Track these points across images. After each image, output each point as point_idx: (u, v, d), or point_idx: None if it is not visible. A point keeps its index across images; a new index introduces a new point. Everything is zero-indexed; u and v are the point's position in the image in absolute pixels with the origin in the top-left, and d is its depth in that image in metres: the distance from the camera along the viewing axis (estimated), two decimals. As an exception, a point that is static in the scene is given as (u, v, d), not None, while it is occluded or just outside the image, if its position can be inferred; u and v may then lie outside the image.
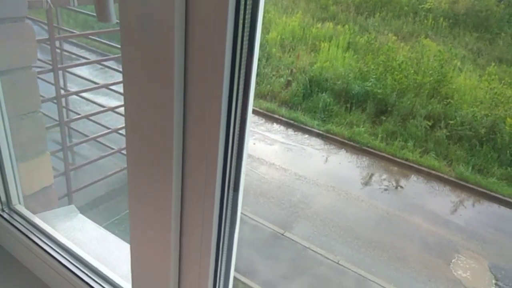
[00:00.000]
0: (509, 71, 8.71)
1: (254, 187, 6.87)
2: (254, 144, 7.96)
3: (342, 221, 6.28)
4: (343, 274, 5.40)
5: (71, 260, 1.03)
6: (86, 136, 5.28)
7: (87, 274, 1.00)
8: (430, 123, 7.92)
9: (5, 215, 1.16)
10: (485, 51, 9.46)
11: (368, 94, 8.57)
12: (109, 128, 5.35)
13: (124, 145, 3.95)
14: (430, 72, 8.40)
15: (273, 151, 7.84)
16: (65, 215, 1.39)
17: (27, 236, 1.11)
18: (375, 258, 5.66)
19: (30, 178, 1.18)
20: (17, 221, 1.16)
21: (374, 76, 8.76)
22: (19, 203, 1.15)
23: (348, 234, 6.05)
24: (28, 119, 1.09)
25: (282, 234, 5.97)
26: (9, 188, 1.15)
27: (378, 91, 8.53)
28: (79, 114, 5.54)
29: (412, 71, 8.52)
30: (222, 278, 0.80)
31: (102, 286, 0.98)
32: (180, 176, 0.69)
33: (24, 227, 1.13)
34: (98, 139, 5.21)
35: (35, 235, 1.11)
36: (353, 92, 8.68)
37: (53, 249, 1.06)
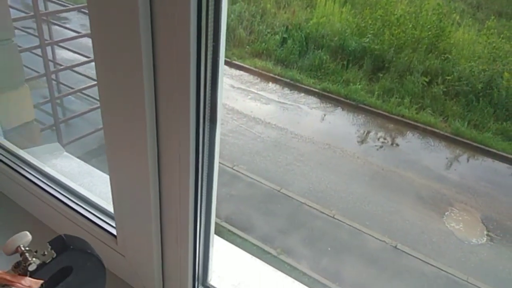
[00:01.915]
0: (508, 25, 8.53)
1: (250, 146, 6.88)
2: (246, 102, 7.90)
3: (338, 178, 6.34)
4: (339, 227, 5.51)
5: (57, 189, 1.03)
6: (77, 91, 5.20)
7: (75, 202, 1.00)
8: (427, 79, 7.84)
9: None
10: (484, 5, 9.23)
11: (365, 51, 8.42)
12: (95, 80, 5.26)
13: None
14: (428, 26, 8.23)
15: (269, 110, 7.80)
16: (50, 152, 1.38)
17: (11, 167, 1.10)
18: (370, 212, 5.76)
19: (9, 112, 1.15)
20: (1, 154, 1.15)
21: (371, 32, 8.58)
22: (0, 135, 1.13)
23: (343, 190, 6.12)
24: (0, 48, 1.05)
25: (279, 191, 6.03)
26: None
27: (376, 47, 8.38)
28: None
29: (410, 26, 8.34)
30: (203, 208, 0.80)
31: (89, 211, 0.97)
32: (154, 105, 0.68)
33: (8, 159, 1.12)
34: (88, 94, 5.13)
35: (19, 166, 1.10)
36: (350, 48, 8.53)
37: (38, 179, 1.06)
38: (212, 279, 0.89)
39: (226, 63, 8.82)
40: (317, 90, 8.13)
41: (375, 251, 5.21)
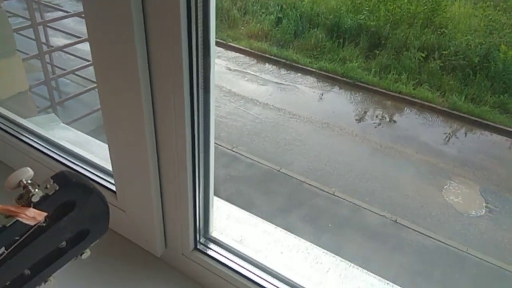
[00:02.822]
0: (505, -3, 8.45)
1: (248, 128, 6.88)
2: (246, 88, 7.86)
3: (336, 156, 6.36)
4: (338, 204, 5.55)
5: (54, 150, 1.03)
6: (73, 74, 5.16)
7: (73, 162, 1.00)
8: (423, 55, 7.80)
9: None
10: (480, -22, 9.11)
11: (361, 28, 8.35)
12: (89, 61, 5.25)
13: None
14: (424, 1, 8.14)
15: (266, 91, 7.77)
16: (46, 123, 1.38)
17: (8, 133, 1.10)
18: (369, 188, 5.79)
19: (2, 81, 1.15)
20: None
21: (367, 8, 8.49)
22: (-5, 103, 1.13)
23: (342, 167, 6.15)
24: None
25: (278, 171, 6.05)
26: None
27: (371, 23, 8.31)
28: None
29: (406, 1, 8.25)
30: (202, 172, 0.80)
31: (88, 170, 0.98)
32: (148, 76, 0.68)
33: (6, 125, 1.12)
34: (84, 76, 5.10)
35: (16, 131, 1.10)
36: (345, 26, 8.45)
37: (36, 142, 1.06)
38: (214, 232, 0.91)
39: (222, 45, 8.74)
40: (313, 70, 8.09)
41: (375, 226, 5.26)
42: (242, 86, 7.86)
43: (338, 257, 1.07)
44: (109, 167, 0.93)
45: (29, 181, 0.42)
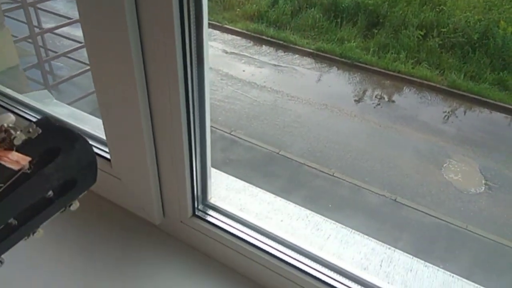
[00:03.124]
0: (504, -28, 8.31)
1: (246, 111, 6.84)
2: (244, 71, 7.79)
3: (336, 137, 6.34)
4: (338, 184, 5.56)
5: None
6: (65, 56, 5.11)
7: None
8: (422, 33, 7.71)
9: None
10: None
11: (359, 7, 8.23)
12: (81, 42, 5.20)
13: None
14: (422, -23, 8.02)
15: (264, 74, 7.71)
16: (40, 100, 1.35)
17: (3, 107, 1.08)
18: (369, 168, 5.79)
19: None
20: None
21: (364, -14, 8.36)
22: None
23: (341, 148, 6.14)
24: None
25: (278, 153, 6.05)
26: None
27: (369, 2, 8.18)
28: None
29: (404, -22, 8.13)
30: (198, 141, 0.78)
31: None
32: (140, 49, 0.65)
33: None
34: (77, 59, 5.05)
35: (9, 105, 1.07)
36: (343, 5, 8.33)
37: (29, 114, 1.04)
38: (212, 199, 0.89)
39: (217, 27, 8.63)
40: (311, 51, 8.00)
41: (375, 205, 5.28)
42: (239, 69, 7.79)
43: (339, 224, 1.06)
44: (103, 136, 0.91)
45: (11, 125, 0.40)
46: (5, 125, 0.40)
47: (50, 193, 0.42)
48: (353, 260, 0.87)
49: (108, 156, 0.87)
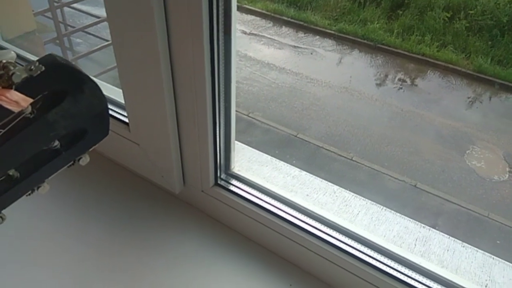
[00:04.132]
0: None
1: (265, 93, 6.76)
2: (262, 52, 7.67)
3: (355, 121, 6.22)
4: (357, 169, 5.47)
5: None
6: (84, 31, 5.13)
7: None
8: (448, 15, 7.43)
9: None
10: None
11: (383, -14, 7.98)
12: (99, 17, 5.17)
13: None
14: (451, -44, 7.69)
15: (283, 55, 7.58)
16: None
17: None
18: (389, 153, 5.68)
19: (9, 19, 1.07)
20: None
21: (389, -34, 8.07)
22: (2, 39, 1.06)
23: (361, 132, 6.02)
24: None
25: (296, 136, 5.97)
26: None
27: (394, -19, 7.92)
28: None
29: (431, -44, 7.81)
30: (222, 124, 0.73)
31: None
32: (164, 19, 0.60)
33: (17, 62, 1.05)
34: (96, 35, 5.05)
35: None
36: (366, -15, 8.09)
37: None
38: (235, 169, 0.84)
39: (237, 8, 8.51)
40: (332, 32, 7.81)
41: (394, 191, 5.18)
42: (258, 50, 7.68)
43: (369, 200, 1.00)
44: (120, 99, 0.86)
45: (10, 61, 0.34)
46: (4, 61, 0.35)
47: (57, 143, 0.36)
48: (385, 237, 0.82)
49: (126, 119, 0.82)
